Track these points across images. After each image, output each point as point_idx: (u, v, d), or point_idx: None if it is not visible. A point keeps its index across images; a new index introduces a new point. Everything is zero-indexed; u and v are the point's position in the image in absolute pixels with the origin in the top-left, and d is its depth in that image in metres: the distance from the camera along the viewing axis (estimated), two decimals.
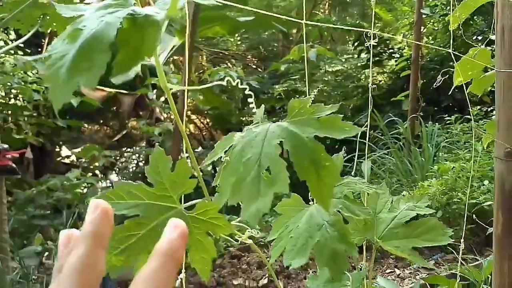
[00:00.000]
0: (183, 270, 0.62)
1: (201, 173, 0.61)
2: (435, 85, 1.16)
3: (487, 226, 1.20)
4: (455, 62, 1.11)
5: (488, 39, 1.26)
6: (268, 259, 0.74)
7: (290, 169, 0.57)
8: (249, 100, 0.59)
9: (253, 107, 0.61)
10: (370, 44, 1.07)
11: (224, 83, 0.61)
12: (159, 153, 0.58)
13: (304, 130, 0.60)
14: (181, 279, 0.62)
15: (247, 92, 0.59)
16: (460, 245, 1.03)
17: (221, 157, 0.64)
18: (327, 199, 0.58)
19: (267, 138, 0.60)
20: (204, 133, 7.97)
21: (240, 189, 0.57)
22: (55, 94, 0.42)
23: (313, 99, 0.63)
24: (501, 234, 1.04)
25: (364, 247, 0.91)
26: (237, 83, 0.60)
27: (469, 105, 1.46)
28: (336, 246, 0.64)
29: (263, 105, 0.65)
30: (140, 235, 0.58)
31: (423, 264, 0.78)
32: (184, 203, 0.62)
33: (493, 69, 1.09)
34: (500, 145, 1.04)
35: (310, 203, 0.75)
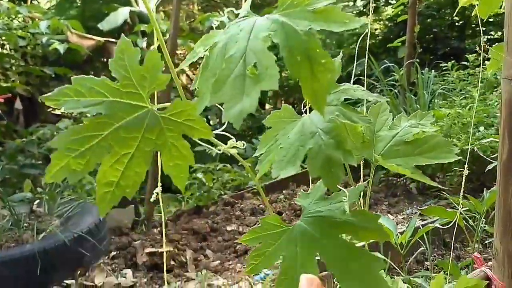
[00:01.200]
0: (159, 184, 0.55)
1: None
2: None
3: (489, 159, 1.14)
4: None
5: None
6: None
7: None
8: None
9: None
10: None
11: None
12: (125, 43, 0.50)
13: (297, 23, 0.52)
14: (157, 193, 0.55)
15: None
16: (452, 190, 0.97)
17: (202, 57, 0.56)
18: (321, 100, 0.50)
19: (254, 31, 0.52)
20: None
21: (222, 87, 0.49)
22: None
23: None
24: (507, 160, 0.98)
25: (361, 169, 0.85)
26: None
27: (481, 39, 1.37)
28: (331, 153, 0.57)
29: None
30: (103, 136, 0.50)
31: (426, 182, 0.72)
32: None
33: None
34: (509, 66, 0.96)
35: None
